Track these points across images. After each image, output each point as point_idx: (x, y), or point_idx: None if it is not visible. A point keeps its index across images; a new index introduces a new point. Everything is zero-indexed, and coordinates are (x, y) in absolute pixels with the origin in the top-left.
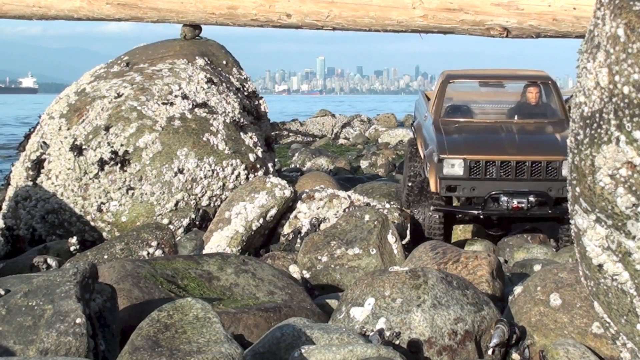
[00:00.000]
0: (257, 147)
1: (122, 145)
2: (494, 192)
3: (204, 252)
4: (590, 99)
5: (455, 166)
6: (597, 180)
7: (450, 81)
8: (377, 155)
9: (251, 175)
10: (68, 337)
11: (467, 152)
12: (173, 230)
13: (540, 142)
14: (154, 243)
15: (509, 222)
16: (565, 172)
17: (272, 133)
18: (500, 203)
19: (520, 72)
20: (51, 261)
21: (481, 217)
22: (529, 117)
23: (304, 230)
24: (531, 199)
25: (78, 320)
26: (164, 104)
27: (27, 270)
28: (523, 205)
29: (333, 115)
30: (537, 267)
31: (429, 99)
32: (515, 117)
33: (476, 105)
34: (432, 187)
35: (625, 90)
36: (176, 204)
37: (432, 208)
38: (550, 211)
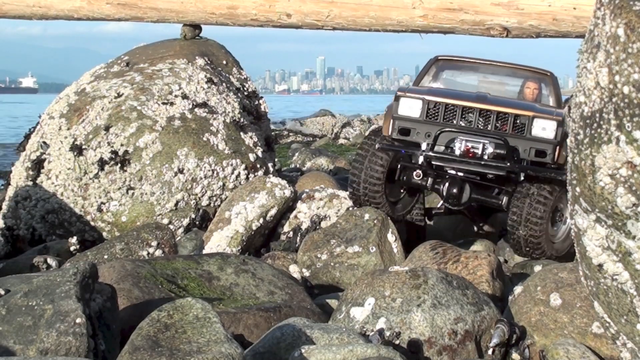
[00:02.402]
0: (257, 147)
1: (122, 145)
2: (445, 129)
3: (204, 252)
4: (590, 99)
5: (412, 107)
6: (597, 180)
7: (440, 58)
8: None
9: (251, 175)
10: (68, 337)
11: (428, 94)
12: (173, 230)
13: (514, 102)
14: (154, 243)
15: (482, 209)
16: (536, 130)
17: (272, 133)
18: (452, 147)
19: (520, 65)
20: (51, 261)
21: (430, 161)
22: None
23: (304, 229)
24: (487, 145)
25: (78, 320)
26: (164, 103)
27: (27, 270)
28: (477, 150)
29: (333, 115)
30: (537, 267)
31: None
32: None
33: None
34: (384, 130)
35: (625, 90)
36: (176, 204)
37: (377, 146)
38: (508, 164)
